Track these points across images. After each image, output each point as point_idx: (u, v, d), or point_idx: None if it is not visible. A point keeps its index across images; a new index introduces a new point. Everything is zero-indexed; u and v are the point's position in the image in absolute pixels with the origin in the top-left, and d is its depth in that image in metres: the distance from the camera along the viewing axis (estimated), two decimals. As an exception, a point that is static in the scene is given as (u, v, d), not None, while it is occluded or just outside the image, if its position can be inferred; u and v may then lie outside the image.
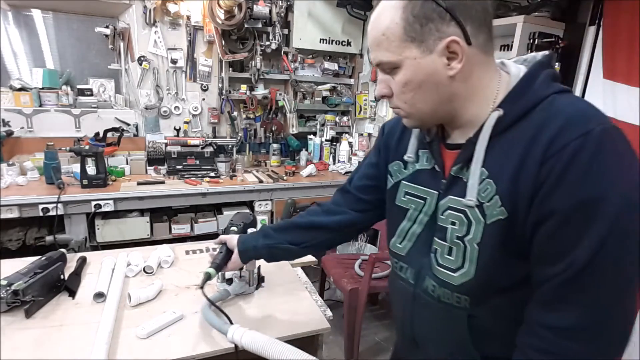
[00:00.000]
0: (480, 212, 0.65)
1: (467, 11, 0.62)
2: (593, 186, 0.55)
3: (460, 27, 0.62)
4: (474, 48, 0.63)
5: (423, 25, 0.62)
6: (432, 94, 0.66)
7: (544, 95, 0.63)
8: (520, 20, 1.77)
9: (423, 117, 0.70)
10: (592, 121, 0.57)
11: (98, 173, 2.21)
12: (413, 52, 0.64)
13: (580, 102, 0.64)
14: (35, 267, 1.13)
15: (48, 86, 2.49)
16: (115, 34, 2.60)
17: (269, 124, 3.09)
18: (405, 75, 0.66)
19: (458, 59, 0.63)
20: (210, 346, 0.97)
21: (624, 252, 0.55)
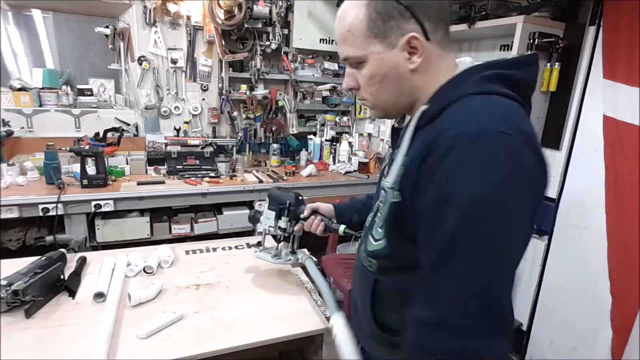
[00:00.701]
0: (391, 194, 0.72)
1: (426, 9, 0.67)
2: (450, 184, 0.59)
3: (420, 24, 0.67)
4: (432, 43, 0.69)
5: (385, 22, 0.67)
6: (395, 87, 0.72)
7: (461, 95, 0.66)
8: (520, 20, 1.77)
9: (387, 107, 0.77)
10: (473, 124, 0.59)
11: (98, 173, 2.21)
12: (377, 48, 0.69)
13: (479, 105, 0.64)
14: (35, 267, 1.13)
15: (48, 86, 2.49)
16: (115, 34, 2.60)
17: (269, 124, 3.09)
18: (370, 69, 0.72)
19: (418, 54, 0.68)
20: (210, 346, 0.97)
21: (469, 251, 0.58)
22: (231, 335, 1.02)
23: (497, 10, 1.97)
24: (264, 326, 1.06)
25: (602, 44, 1.73)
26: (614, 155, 1.71)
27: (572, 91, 1.86)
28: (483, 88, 0.66)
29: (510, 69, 0.68)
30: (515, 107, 0.65)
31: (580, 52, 1.81)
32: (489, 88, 0.66)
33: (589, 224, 1.83)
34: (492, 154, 0.57)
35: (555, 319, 2.02)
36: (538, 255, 2.07)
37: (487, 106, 0.64)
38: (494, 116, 0.61)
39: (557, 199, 1.97)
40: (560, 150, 1.93)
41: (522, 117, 0.65)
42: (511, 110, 0.64)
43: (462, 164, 0.58)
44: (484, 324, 0.59)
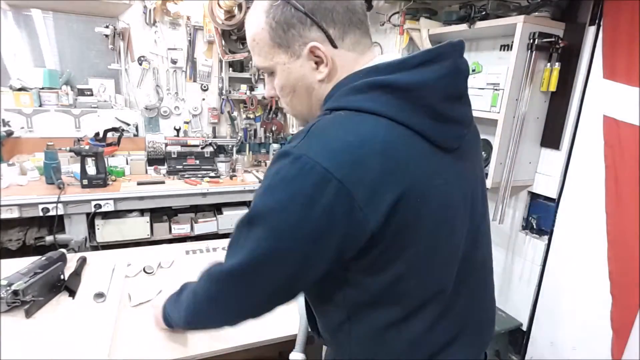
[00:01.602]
0: None
1: (328, 14, 0.62)
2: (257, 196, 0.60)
3: (323, 31, 0.62)
4: (341, 50, 0.63)
5: (286, 31, 0.62)
6: (306, 97, 0.68)
7: (326, 109, 0.63)
8: (520, 20, 1.77)
9: (304, 116, 0.72)
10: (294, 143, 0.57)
11: (98, 173, 2.21)
12: (282, 58, 0.65)
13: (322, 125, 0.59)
14: (35, 267, 1.13)
15: (48, 86, 2.49)
16: (115, 34, 2.60)
17: (269, 124, 3.09)
18: (280, 80, 0.68)
19: (324, 63, 0.63)
20: (210, 346, 0.97)
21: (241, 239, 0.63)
22: (231, 335, 1.01)
23: (497, 10, 1.97)
24: (264, 326, 1.06)
25: (602, 44, 1.73)
26: (614, 155, 1.71)
27: (572, 91, 1.86)
28: (343, 102, 0.61)
29: (396, 72, 0.59)
30: (358, 128, 0.57)
31: (580, 52, 1.80)
32: (349, 102, 0.60)
33: (589, 224, 1.83)
34: (282, 174, 0.56)
35: (555, 319, 2.02)
36: (538, 255, 2.07)
37: (317, 127, 0.59)
38: (313, 139, 0.57)
39: (557, 199, 1.96)
40: (560, 150, 1.93)
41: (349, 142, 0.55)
42: (342, 133, 0.56)
43: (265, 174, 0.60)
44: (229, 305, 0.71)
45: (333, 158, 0.54)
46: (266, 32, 0.64)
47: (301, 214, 0.55)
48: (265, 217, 0.58)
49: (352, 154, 0.54)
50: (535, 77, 1.86)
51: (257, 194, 0.60)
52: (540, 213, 2.05)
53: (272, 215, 0.57)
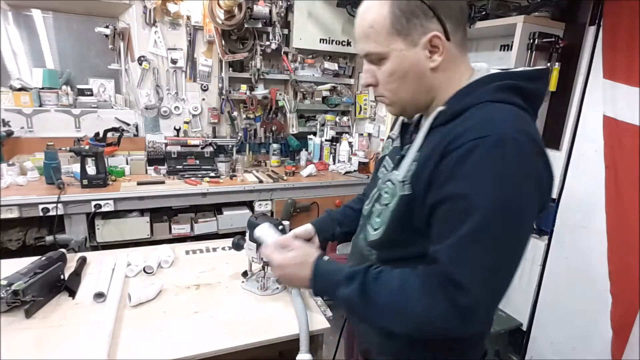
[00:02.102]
0: (400, 187, 0.75)
1: (448, 10, 0.69)
2: (468, 183, 0.63)
3: (442, 23, 0.69)
4: (452, 44, 0.71)
5: (409, 20, 0.68)
6: (414, 84, 0.74)
7: (479, 101, 0.69)
8: (520, 20, 1.77)
9: (404, 105, 0.78)
10: (493, 129, 0.63)
11: (98, 173, 2.21)
12: (399, 45, 0.70)
13: (500, 112, 0.68)
14: (35, 267, 1.13)
15: (48, 86, 2.49)
16: (115, 34, 2.60)
17: (269, 124, 3.09)
18: (391, 66, 0.73)
19: (439, 53, 0.70)
20: (210, 346, 0.97)
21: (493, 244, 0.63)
22: (231, 335, 1.02)
23: (497, 10, 1.97)
24: (264, 326, 1.06)
25: (602, 44, 1.73)
26: (614, 155, 1.71)
27: (572, 91, 1.86)
28: (498, 97, 0.69)
29: (521, 81, 0.71)
30: (526, 117, 0.69)
31: (580, 52, 1.81)
32: (503, 97, 0.69)
33: (589, 224, 1.83)
34: (509, 159, 0.62)
35: (555, 319, 2.02)
36: (538, 255, 2.07)
37: (504, 114, 0.67)
38: (511, 124, 0.65)
39: (557, 199, 1.97)
40: (560, 150, 1.93)
41: (533, 126, 0.69)
42: (524, 120, 0.68)
43: (482, 165, 0.62)
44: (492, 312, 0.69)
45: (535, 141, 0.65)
46: (388, 20, 0.69)
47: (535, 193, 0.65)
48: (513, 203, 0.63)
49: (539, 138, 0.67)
50: (535, 77, 1.86)
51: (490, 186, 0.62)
52: (540, 213, 2.05)
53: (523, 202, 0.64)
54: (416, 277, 0.71)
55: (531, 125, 0.69)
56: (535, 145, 0.64)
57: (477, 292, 0.63)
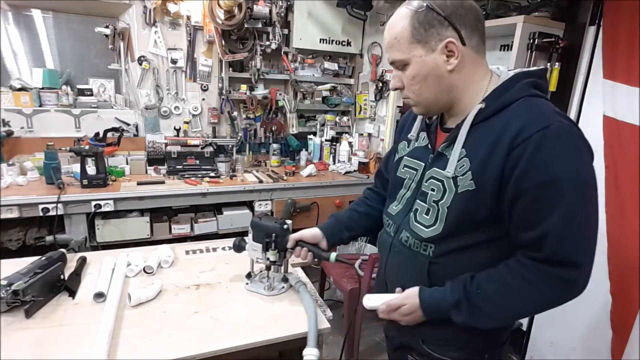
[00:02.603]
0: (454, 183, 0.83)
1: (462, 19, 0.78)
2: (551, 169, 0.72)
3: (457, 31, 0.78)
4: (467, 48, 0.80)
5: (427, 30, 0.78)
6: (435, 85, 0.83)
7: (518, 97, 0.79)
8: (520, 20, 1.77)
9: (428, 104, 0.87)
10: (551, 119, 0.73)
11: (98, 173, 2.21)
12: (419, 51, 0.80)
13: (544, 104, 0.79)
14: (35, 267, 1.13)
15: (48, 86, 2.49)
16: (115, 34, 2.60)
17: (269, 124, 3.09)
18: (413, 70, 0.82)
19: (455, 56, 0.79)
20: (210, 346, 0.97)
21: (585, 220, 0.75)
22: (231, 335, 1.02)
23: (497, 10, 1.97)
24: (264, 326, 1.06)
25: (602, 44, 1.73)
26: (614, 155, 1.71)
27: (572, 91, 1.86)
28: (531, 92, 0.79)
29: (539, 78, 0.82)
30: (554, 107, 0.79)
31: (580, 52, 1.80)
32: (535, 92, 0.80)
33: (589, 224, 1.83)
34: (574, 141, 0.74)
35: (555, 319, 2.02)
36: (538, 255, 2.07)
37: (547, 106, 0.78)
38: (558, 113, 0.76)
39: (557, 199, 1.96)
40: (560, 150, 1.93)
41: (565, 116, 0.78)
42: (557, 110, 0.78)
43: (557, 151, 0.72)
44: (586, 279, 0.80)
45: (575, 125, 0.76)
46: (408, 32, 0.80)
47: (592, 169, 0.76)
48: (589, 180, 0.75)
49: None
50: (535, 77, 1.86)
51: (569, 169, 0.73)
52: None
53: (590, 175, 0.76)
54: (516, 274, 0.79)
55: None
56: (579, 129, 0.76)
57: (586, 263, 0.77)
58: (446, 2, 0.78)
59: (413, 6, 0.80)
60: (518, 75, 0.82)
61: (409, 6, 0.81)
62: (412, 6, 0.80)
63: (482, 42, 0.82)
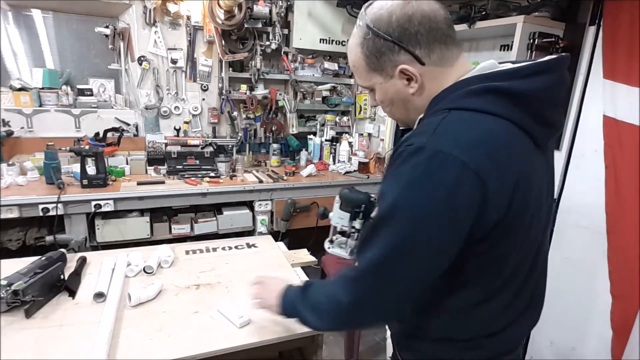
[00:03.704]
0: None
1: (414, 37, 0.70)
2: (386, 185, 0.70)
3: (410, 53, 0.71)
4: (428, 66, 0.72)
5: (379, 58, 0.74)
6: (403, 107, 0.80)
7: (438, 109, 0.71)
8: (520, 20, 1.77)
9: (404, 120, 0.85)
10: (420, 139, 0.66)
11: (98, 173, 2.21)
12: (378, 79, 0.77)
13: (443, 121, 0.67)
14: (35, 267, 1.13)
15: (48, 86, 2.49)
16: (115, 34, 2.60)
17: (269, 124, 3.09)
18: (378, 95, 0.81)
19: (414, 80, 0.73)
20: (210, 346, 0.97)
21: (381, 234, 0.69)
22: (231, 335, 1.02)
23: (497, 10, 1.97)
24: (264, 326, 1.06)
25: (602, 44, 1.73)
26: (614, 155, 1.71)
27: (572, 91, 1.86)
28: (461, 103, 0.68)
29: (508, 80, 0.68)
30: (489, 127, 0.66)
31: (580, 52, 1.80)
32: (467, 103, 0.68)
33: (589, 224, 1.83)
34: (421, 168, 0.64)
35: (555, 319, 2.02)
36: (538, 255, 2.07)
37: (444, 124, 0.67)
38: (442, 134, 0.65)
39: (557, 199, 1.96)
40: (560, 150, 1.93)
41: (477, 137, 0.65)
42: (468, 129, 0.66)
43: (398, 170, 0.68)
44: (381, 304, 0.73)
45: (467, 152, 0.63)
46: (362, 61, 0.77)
47: (444, 204, 0.64)
48: (409, 209, 0.66)
49: (482, 149, 0.64)
50: (535, 77, 1.86)
51: (395, 188, 0.67)
52: (540, 213, 2.05)
53: (417, 207, 0.65)
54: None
55: (476, 134, 0.65)
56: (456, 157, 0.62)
57: (362, 268, 0.72)
58: (391, 22, 0.70)
59: (361, 32, 0.74)
60: (462, 82, 0.72)
61: (359, 31, 0.75)
62: (360, 31, 0.75)
63: (446, 49, 0.72)
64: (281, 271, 1.38)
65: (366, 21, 0.73)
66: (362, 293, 0.73)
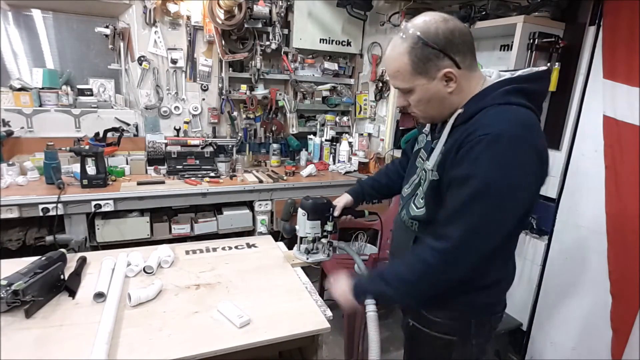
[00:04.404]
0: (431, 174, 0.97)
1: (454, 47, 0.87)
2: (473, 167, 0.84)
3: (452, 59, 0.88)
4: (463, 70, 0.90)
5: (425, 63, 0.88)
6: (438, 105, 0.95)
7: (488, 104, 0.88)
8: (520, 20, 1.77)
9: (434, 118, 1.00)
10: (494, 127, 0.83)
11: (98, 173, 2.21)
12: (421, 81, 0.91)
13: (504, 113, 0.86)
14: (35, 267, 1.13)
15: (48, 86, 2.48)
16: (115, 34, 2.59)
17: (269, 124, 3.09)
18: (417, 96, 0.94)
19: (453, 80, 0.90)
20: (210, 346, 0.97)
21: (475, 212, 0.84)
22: (231, 335, 1.02)
23: (497, 10, 1.97)
24: (264, 326, 1.06)
25: (602, 44, 1.73)
26: (614, 155, 1.71)
27: (572, 91, 1.86)
28: (505, 99, 0.88)
29: (525, 83, 0.90)
30: (527, 114, 0.88)
31: (580, 52, 1.80)
32: (509, 99, 0.88)
33: (589, 224, 1.83)
34: (502, 151, 0.82)
35: (555, 319, 2.02)
36: (538, 255, 2.07)
37: (506, 114, 0.86)
38: (510, 122, 0.84)
39: (557, 199, 1.97)
40: (560, 150, 1.93)
41: (533, 122, 0.88)
42: (524, 117, 0.86)
43: (483, 154, 0.82)
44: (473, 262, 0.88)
45: (531, 135, 0.84)
46: (409, 66, 0.90)
47: (528, 179, 0.84)
48: (503, 187, 0.82)
49: (535, 132, 0.86)
50: (535, 77, 1.86)
51: (487, 170, 0.82)
52: (540, 213, 2.05)
53: (509, 185, 0.82)
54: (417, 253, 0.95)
55: (530, 120, 0.87)
56: (529, 138, 0.83)
57: (455, 240, 0.86)
58: (438, 34, 0.86)
59: (409, 42, 0.88)
60: (501, 82, 0.91)
61: (405, 42, 0.89)
62: (408, 42, 0.88)
63: (473, 57, 0.92)
64: (281, 271, 1.38)
65: (416, 32, 0.87)
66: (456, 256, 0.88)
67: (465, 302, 1.00)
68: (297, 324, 1.08)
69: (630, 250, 1.65)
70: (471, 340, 1.03)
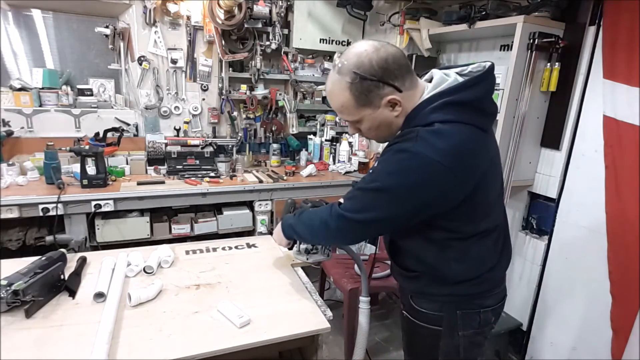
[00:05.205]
0: None
1: (391, 74, 0.91)
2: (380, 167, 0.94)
3: (392, 86, 0.91)
4: (405, 92, 0.94)
5: (367, 95, 0.92)
6: (387, 128, 1.00)
7: (418, 124, 0.92)
8: (520, 20, 1.77)
9: (386, 138, 1.04)
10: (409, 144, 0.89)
11: (98, 173, 2.21)
12: (367, 111, 0.96)
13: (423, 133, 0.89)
14: (35, 267, 1.13)
15: (48, 86, 2.48)
16: (115, 34, 2.59)
17: (269, 124, 3.09)
18: (366, 124, 1.00)
19: (398, 105, 0.94)
20: (210, 346, 0.97)
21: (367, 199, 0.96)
22: (231, 335, 1.02)
23: (497, 10, 1.97)
24: (264, 326, 1.06)
25: (602, 44, 1.73)
26: (614, 155, 1.71)
27: (572, 91, 1.86)
28: (429, 119, 0.91)
29: (459, 93, 0.91)
30: (451, 130, 0.89)
31: (580, 52, 1.80)
32: (434, 117, 0.90)
33: (589, 224, 1.83)
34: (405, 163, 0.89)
35: (555, 319, 2.02)
36: (538, 255, 2.07)
37: (422, 135, 0.88)
38: (420, 141, 0.88)
39: (557, 199, 1.97)
40: (560, 150, 1.93)
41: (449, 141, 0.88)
42: (439, 140, 0.87)
43: (389, 160, 0.93)
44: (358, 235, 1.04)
45: (442, 155, 0.86)
46: (352, 101, 0.94)
47: (421, 191, 0.89)
48: (393, 190, 0.90)
49: (454, 151, 0.87)
50: (535, 77, 1.86)
51: (383, 173, 0.92)
52: (540, 213, 2.05)
53: (400, 190, 0.90)
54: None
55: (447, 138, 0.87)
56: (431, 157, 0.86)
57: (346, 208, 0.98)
58: (373, 65, 0.89)
59: (347, 78, 0.91)
60: (424, 102, 0.93)
61: (343, 78, 0.92)
62: (345, 78, 0.91)
63: (411, 74, 0.94)
64: (281, 271, 1.38)
65: (350, 68, 0.90)
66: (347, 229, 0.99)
67: (448, 293, 1.05)
68: (297, 324, 1.08)
69: (630, 251, 1.65)
70: (457, 331, 1.07)
